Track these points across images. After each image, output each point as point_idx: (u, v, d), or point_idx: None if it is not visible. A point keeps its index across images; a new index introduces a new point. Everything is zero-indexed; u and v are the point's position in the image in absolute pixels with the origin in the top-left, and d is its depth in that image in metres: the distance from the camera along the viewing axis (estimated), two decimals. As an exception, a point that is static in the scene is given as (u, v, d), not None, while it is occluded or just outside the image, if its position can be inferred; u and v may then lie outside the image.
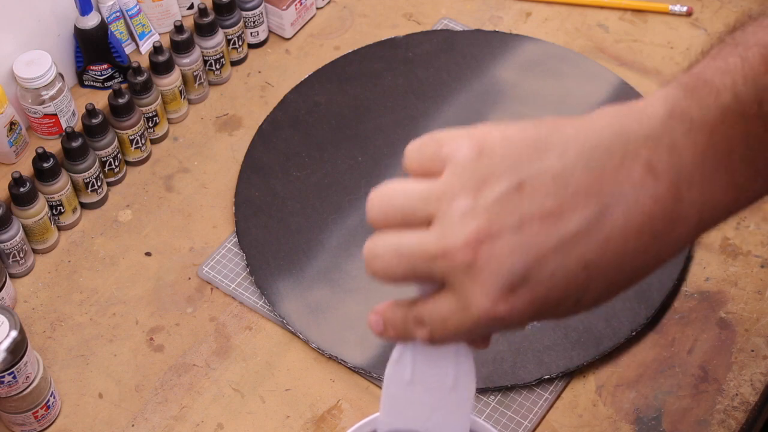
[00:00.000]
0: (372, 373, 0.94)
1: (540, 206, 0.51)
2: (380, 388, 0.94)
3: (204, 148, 1.12)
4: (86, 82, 1.13)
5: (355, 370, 0.95)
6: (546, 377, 0.93)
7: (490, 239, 0.51)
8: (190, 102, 1.15)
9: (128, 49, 1.14)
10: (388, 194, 0.56)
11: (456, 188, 0.53)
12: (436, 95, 1.13)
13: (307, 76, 1.16)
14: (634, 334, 0.95)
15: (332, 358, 0.95)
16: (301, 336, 0.97)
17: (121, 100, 1.06)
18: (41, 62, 1.04)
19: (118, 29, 1.12)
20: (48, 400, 0.92)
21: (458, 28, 1.20)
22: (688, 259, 1.00)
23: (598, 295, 0.53)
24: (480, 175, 0.52)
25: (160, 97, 1.11)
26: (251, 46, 1.20)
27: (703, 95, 0.53)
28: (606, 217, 0.51)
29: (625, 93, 1.12)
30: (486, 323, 0.53)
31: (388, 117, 1.12)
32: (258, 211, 1.05)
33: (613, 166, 0.51)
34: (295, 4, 1.19)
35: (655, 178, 0.52)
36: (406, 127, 1.11)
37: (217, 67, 1.16)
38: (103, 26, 1.09)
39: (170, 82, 1.11)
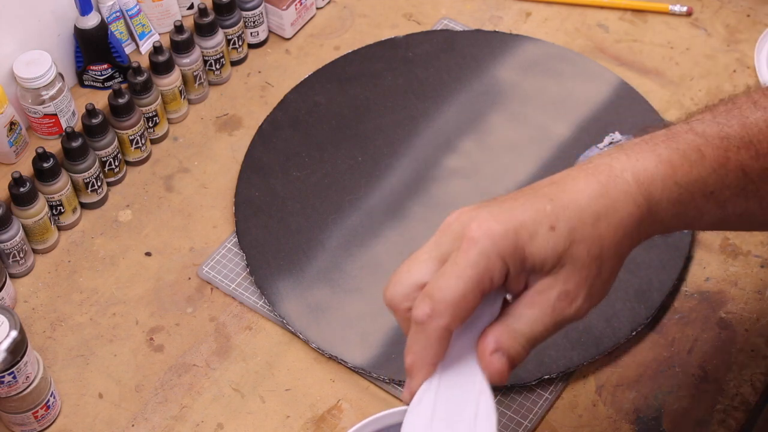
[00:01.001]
0: (372, 373, 0.94)
1: (514, 194, 0.67)
2: (380, 388, 0.94)
3: (204, 148, 1.12)
4: (86, 82, 1.13)
5: (355, 370, 0.95)
6: (546, 377, 0.93)
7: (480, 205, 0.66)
8: (190, 102, 1.15)
9: (128, 49, 1.14)
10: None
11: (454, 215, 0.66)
12: (437, 95, 1.13)
13: (307, 76, 1.16)
14: (634, 334, 0.95)
15: (332, 358, 0.95)
16: (301, 336, 0.97)
17: (121, 100, 1.06)
18: (41, 62, 1.04)
19: (118, 29, 1.12)
20: (48, 400, 0.92)
21: (458, 28, 1.20)
22: (688, 259, 1.00)
23: (570, 229, 0.63)
24: (475, 205, 0.66)
25: (160, 97, 1.11)
26: (251, 46, 1.20)
27: (643, 135, 0.70)
28: (561, 185, 0.66)
29: (624, 93, 1.12)
30: (484, 245, 0.62)
31: (388, 117, 1.12)
32: (258, 211, 1.05)
33: (564, 173, 0.68)
34: (295, 4, 1.19)
35: (594, 164, 0.67)
36: (407, 127, 1.11)
37: (217, 67, 1.16)
38: (103, 26, 1.09)
39: (170, 82, 1.11)
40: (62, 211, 1.04)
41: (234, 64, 1.19)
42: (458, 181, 1.06)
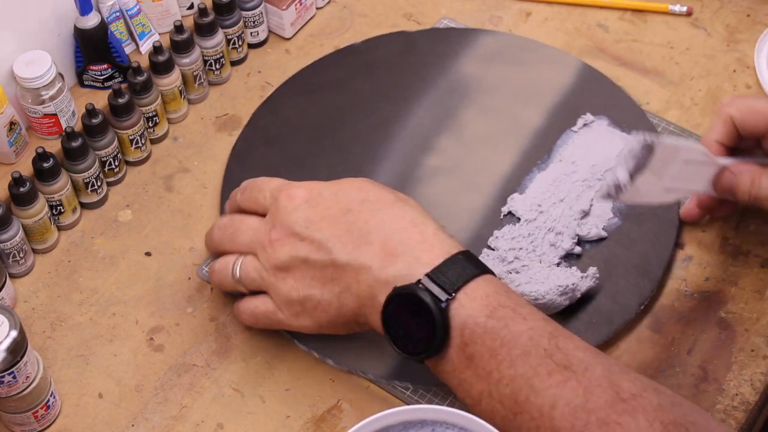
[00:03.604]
0: (397, 384, 0.93)
1: None
2: (381, 388, 0.94)
3: (204, 148, 1.12)
4: (86, 82, 1.13)
5: (381, 382, 0.94)
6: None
7: None
8: (190, 102, 1.15)
9: (128, 49, 1.14)
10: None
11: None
12: (405, 97, 1.13)
13: (271, 92, 1.14)
14: (642, 308, 0.95)
15: (356, 374, 0.94)
16: (317, 354, 0.95)
17: (121, 100, 1.06)
18: (41, 62, 1.04)
19: (118, 29, 1.12)
20: (48, 400, 0.92)
21: (458, 27, 1.20)
22: (680, 227, 1.01)
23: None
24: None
25: (160, 97, 1.11)
26: (251, 46, 1.20)
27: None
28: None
29: (588, 75, 1.13)
30: None
31: (362, 123, 1.11)
32: None
33: None
34: (295, 4, 1.19)
35: None
36: (382, 132, 1.10)
37: (217, 67, 1.16)
38: (103, 26, 1.09)
39: (170, 82, 1.11)
40: (62, 211, 1.04)
41: (234, 64, 1.19)
42: (442, 178, 1.06)
